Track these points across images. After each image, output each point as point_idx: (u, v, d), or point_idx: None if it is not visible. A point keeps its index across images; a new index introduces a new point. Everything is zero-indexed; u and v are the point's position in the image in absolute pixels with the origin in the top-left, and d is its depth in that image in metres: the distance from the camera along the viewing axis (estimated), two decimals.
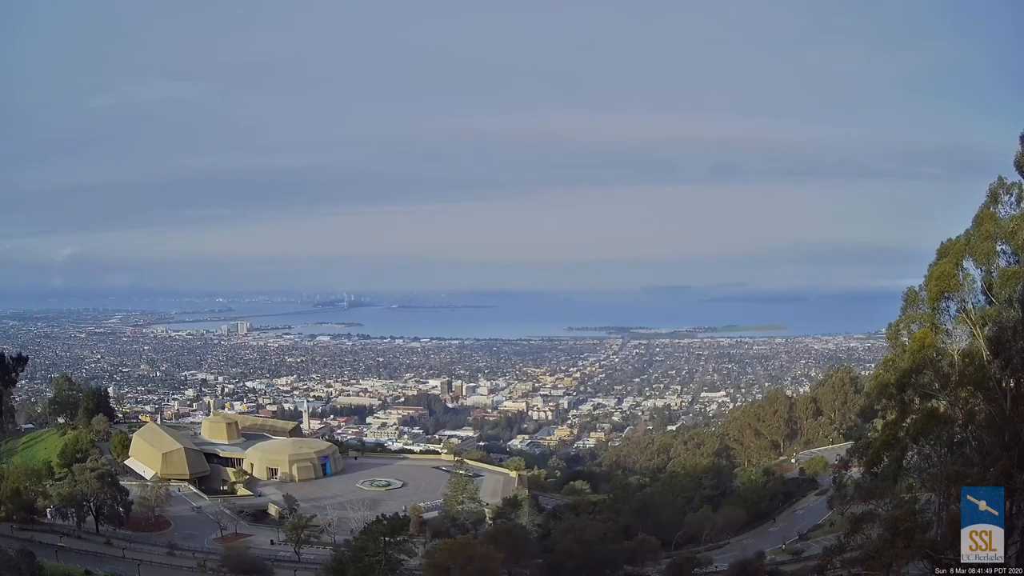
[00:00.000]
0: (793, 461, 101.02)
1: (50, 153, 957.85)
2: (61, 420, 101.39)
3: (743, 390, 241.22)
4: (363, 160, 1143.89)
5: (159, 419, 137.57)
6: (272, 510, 68.06)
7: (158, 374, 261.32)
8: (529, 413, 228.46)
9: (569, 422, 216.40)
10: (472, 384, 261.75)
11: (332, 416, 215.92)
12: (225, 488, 77.39)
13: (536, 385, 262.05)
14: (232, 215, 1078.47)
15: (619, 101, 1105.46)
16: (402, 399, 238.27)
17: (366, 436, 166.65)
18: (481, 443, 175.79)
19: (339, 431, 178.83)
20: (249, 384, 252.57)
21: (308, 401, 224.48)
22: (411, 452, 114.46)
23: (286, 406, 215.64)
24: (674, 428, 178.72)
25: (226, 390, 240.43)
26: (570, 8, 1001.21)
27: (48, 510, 59.78)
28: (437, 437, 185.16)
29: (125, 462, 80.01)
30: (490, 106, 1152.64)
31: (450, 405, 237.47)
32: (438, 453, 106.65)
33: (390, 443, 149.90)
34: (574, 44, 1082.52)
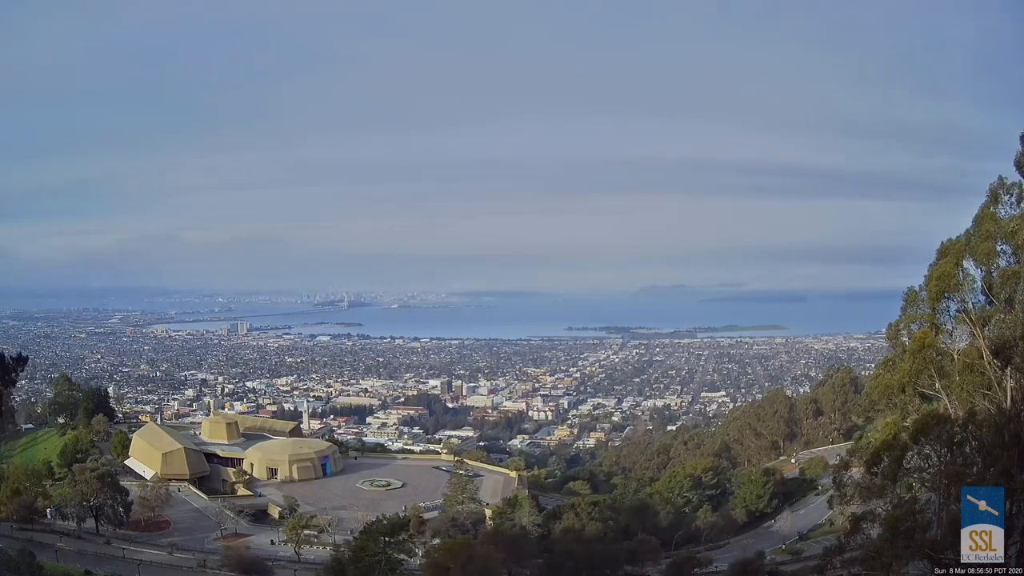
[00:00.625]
0: (793, 461, 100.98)
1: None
2: (61, 420, 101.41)
3: (743, 390, 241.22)
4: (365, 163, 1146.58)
5: (159, 419, 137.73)
6: (272, 510, 68.03)
7: (158, 374, 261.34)
8: (529, 413, 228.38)
9: (569, 422, 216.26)
10: (472, 384, 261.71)
11: (332, 416, 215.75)
12: (225, 488, 77.36)
13: (536, 385, 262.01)
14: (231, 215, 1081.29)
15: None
16: (402, 399, 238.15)
17: (366, 436, 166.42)
18: (481, 443, 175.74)
19: (339, 431, 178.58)
20: (249, 384, 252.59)
21: (308, 401, 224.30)
22: (411, 452, 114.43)
23: (286, 406, 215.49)
24: (674, 428, 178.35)
25: (226, 390, 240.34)
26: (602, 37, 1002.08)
27: (48, 510, 59.81)
28: (437, 437, 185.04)
29: (125, 462, 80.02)
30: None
31: (450, 405, 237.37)
32: (438, 453, 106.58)
33: (390, 443, 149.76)
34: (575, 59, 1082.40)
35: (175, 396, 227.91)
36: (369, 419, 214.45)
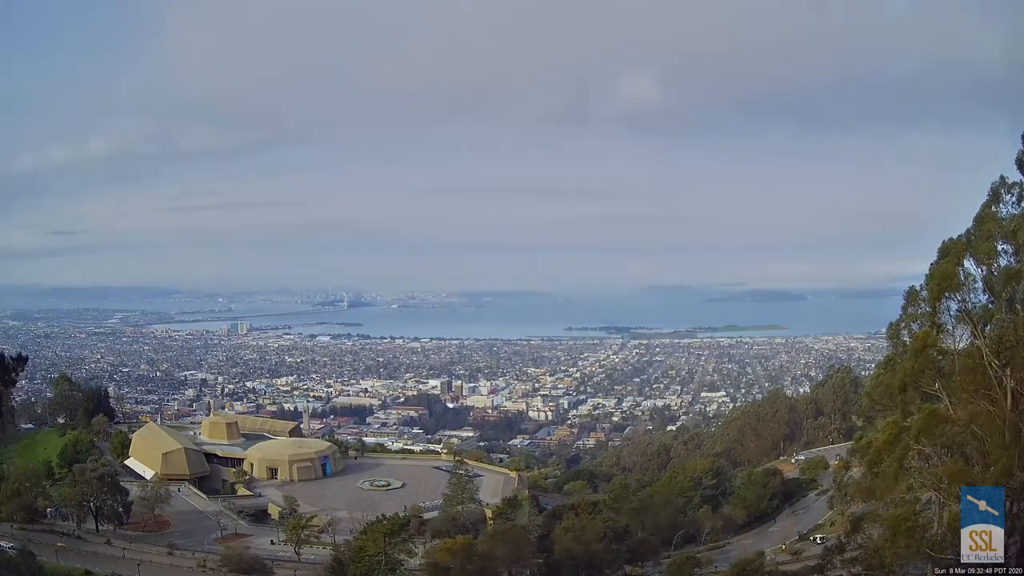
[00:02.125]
0: (793, 461, 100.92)
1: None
2: (61, 420, 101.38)
3: (743, 390, 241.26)
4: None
5: (159, 419, 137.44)
6: (272, 510, 68.00)
7: (158, 374, 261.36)
8: (529, 413, 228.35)
9: (569, 422, 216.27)
10: (472, 384, 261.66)
11: (332, 416, 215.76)
12: (225, 488, 77.35)
13: (536, 385, 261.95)
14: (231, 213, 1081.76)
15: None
16: (402, 399, 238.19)
17: (366, 436, 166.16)
18: (481, 443, 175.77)
19: (339, 431, 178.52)
20: (249, 384, 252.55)
21: (308, 401, 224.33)
22: (411, 452, 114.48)
23: (286, 406, 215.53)
24: (674, 428, 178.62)
25: (226, 390, 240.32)
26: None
27: (48, 510, 59.88)
28: (437, 437, 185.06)
29: (125, 462, 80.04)
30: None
31: (450, 405, 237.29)
32: (438, 453, 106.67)
33: (390, 443, 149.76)
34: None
35: (175, 396, 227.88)
36: (369, 419, 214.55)
